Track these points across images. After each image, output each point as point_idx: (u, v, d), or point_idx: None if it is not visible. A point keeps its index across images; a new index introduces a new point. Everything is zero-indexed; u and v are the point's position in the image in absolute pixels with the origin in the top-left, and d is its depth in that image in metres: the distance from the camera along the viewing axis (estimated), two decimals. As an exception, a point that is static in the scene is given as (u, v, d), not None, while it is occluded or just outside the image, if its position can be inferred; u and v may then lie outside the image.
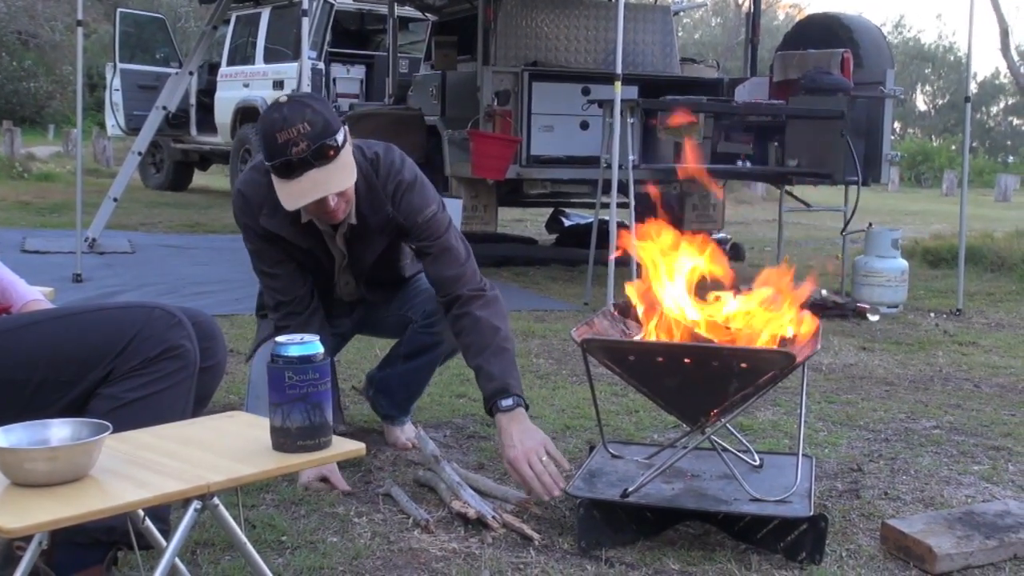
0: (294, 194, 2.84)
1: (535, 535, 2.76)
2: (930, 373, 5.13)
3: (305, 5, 6.40)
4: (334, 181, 2.86)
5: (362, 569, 2.57)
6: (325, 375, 1.94)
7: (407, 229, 3.16)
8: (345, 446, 1.96)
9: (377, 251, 3.26)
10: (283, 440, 1.91)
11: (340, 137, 2.85)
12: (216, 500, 1.86)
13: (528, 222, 12.94)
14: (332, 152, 2.82)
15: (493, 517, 2.81)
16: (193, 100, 14.08)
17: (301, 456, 1.90)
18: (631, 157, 6.64)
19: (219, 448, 1.92)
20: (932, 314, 7.02)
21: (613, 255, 6.23)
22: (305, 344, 1.93)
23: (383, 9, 12.28)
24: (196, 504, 1.79)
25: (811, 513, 2.66)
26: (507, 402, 2.96)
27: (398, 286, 3.54)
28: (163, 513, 2.26)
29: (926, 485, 3.33)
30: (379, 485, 3.16)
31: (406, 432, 3.59)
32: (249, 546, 2.02)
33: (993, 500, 3.16)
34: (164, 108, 9.51)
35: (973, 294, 7.89)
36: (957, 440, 3.88)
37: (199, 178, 16.58)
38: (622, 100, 6.33)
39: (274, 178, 2.86)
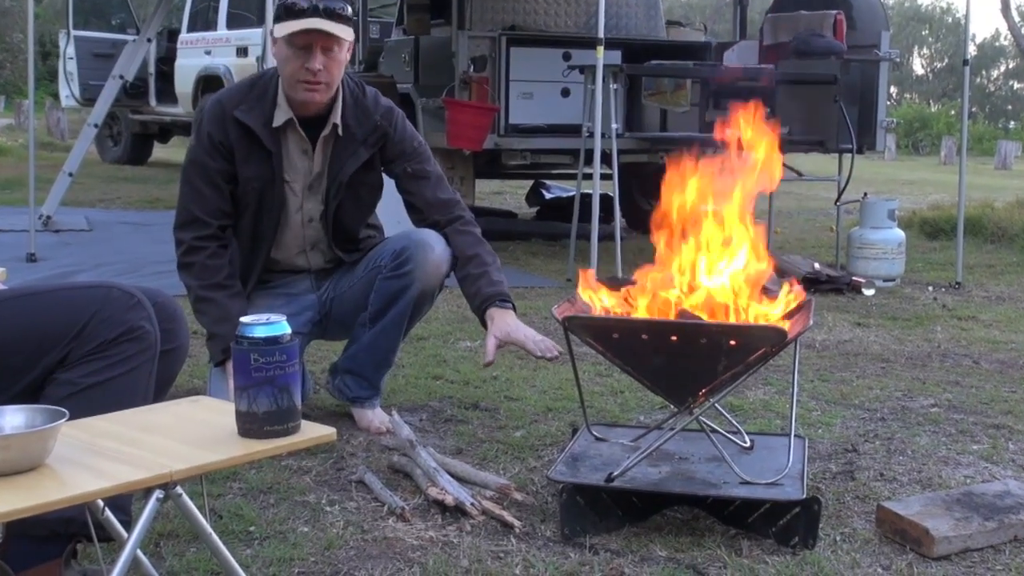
0: (294, 26, 3.21)
1: (516, 522, 2.77)
2: (928, 349, 5.16)
3: (269, -33, 6.35)
4: (335, 30, 3.21)
5: (335, 560, 2.57)
6: (293, 357, 1.93)
7: (397, 152, 3.46)
8: (315, 431, 1.96)
9: (358, 163, 3.43)
10: (249, 425, 1.91)
11: (350, 11, 3.27)
12: (179, 489, 1.86)
13: (507, 195, 12.93)
14: (339, 17, 3.21)
15: (472, 504, 2.82)
16: (152, 69, 13.94)
17: (268, 442, 1.89)
18: (614, 125, 6.64)
19: (182, 435, 1.92)
20: (930, 287, 7.06)
21: (596, 232, 6.21)
22: (271, 324, 1.92)
23: (352, -29, 12.20)
24: (158, 493, 1.78)
25: (804, 496, 2.67)
26: (506, 304, 3.33)
27: (367, 244, 3.62)
28: (124, 503, 2.25)
29: (923, 466, 3.35)
30: (352, 472, 3.17)
31: (379, 416, 3.59)
32: (215, 537, 2.02)
33: (993, 480, 3.19)
34: (121, 77, 9.43)
35: (973, 266, 7.93)
36: (956, 418, 3.90)
37: (159, 151, 16.47)
38: (605, 65, 6.32)
39: (277, 26, 3.23)
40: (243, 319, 1.94)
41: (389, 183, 3.61)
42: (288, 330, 1.94)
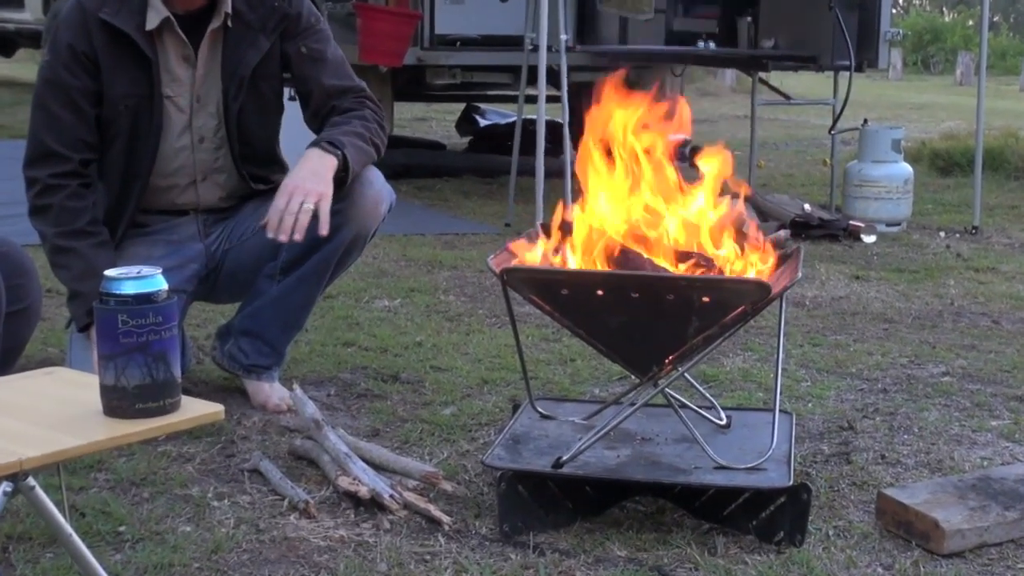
0: None
1: (445, 518, 2.78)
2: (939, 307, 5.23)
3: None
4: None
5: (223, 565, 2.56)
6: (170, 318, 1.92)
7: (297, 30, 3.47)
8: (199, 409, 1.96)
9: (260, 53, 3.44)
10: (117, 402, 1.90)
11: None
12: (32, 481, 1.85)
13: (433, 121, 12.88)
14: None
15: (391, 496, 2.83)
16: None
17: (141, 423, 1.89)
18: (563, 37, 6.61)
19: (34, 415, 1.91)
20: (942, 233, 7.14)
21: (542, 168, 6.22)
22: (144, 279, 1.91)
23: None
24: (6, 486, 1.78)
25: (790, 483, 2.70)
26: (327, 146, 3.31)
27: (275, 170, 3.62)
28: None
29: (932, 446, 3.40)
30: (244, 459, 3.16)
31: (278, 390, 3.58)
32: (76, 539, 2.01)
33: (1015, 462, 3.24)
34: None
35: (992, 208, 8.02)
36: (971, 389, 3.96)
37: (1, 66, 16.19)
38: (551, -38, 6.29)
39: None
40: (109, 272, 1.92)
41: (288, 114, 3.61)
42: (164, 285, 1.93)
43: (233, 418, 3.45)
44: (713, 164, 3.00)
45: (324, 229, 3.21)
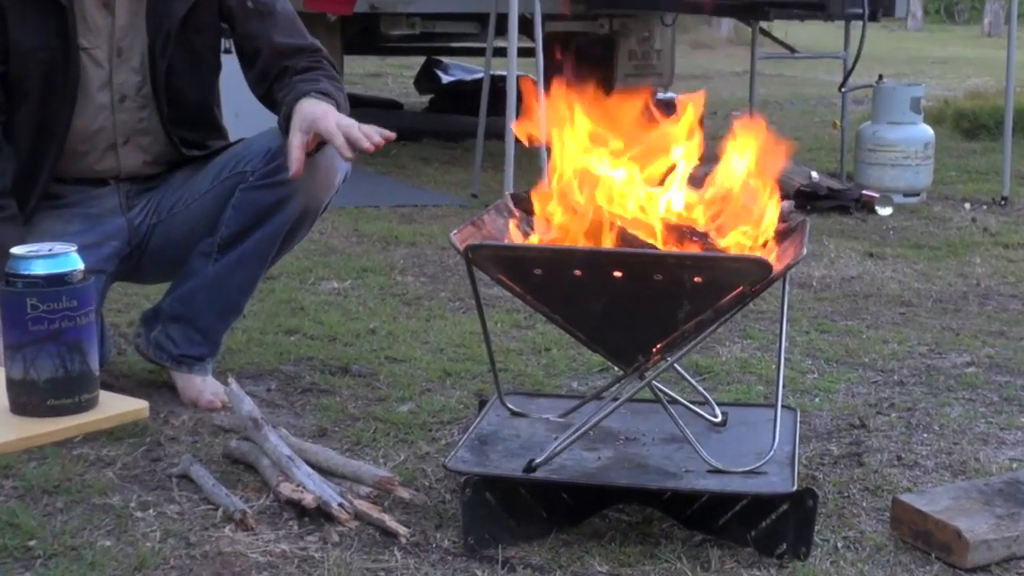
0: None
1: (401, 529, 2.78)
2: (963, 288, 5.25)
3: None
4: None
5: (150, 584, 2.58)
6: (87, 302, 1.92)
7: None
8: (120, 406, 1.95)
9: (186, 4, 3.41)
10: (26, 399, 1.89)
11: None
12: (-73, 489, 1.84)
13: (389, 78, 12.88)
14: None
15: (340, 505, 2.83)
16: None
17: (53, 421, 1.89)
18: (537, -20, 6.61)
19: (-70, 413, 1.90)
20: (967, 204, 7.17)
21: (512, 130, 6.22)
22: (56, 257, 1.91)
23: None
24: None
25: (794, 488, 2.71)
26: (318, 95, 3.29)
27: (211, 135, 3.62)
28: None
29: (955, 446, 3.42)
30: (172, 463, 3.15)
31: (211, 385, 3.58)
32: (-20, 555, 2.01)
33: (1047, 464, 3.28)
34: None
35: (1024, 176, 8.09)
36: (999, 382, 3.99)
37: None
38: None
39: None
40: (16, 250, 1.91)
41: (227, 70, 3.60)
42: (80, 265, 1.92)
43: (160, 416, 3.44)
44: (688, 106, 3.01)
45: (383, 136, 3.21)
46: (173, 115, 3.51)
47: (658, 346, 2.81)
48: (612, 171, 2.96)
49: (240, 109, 3.55)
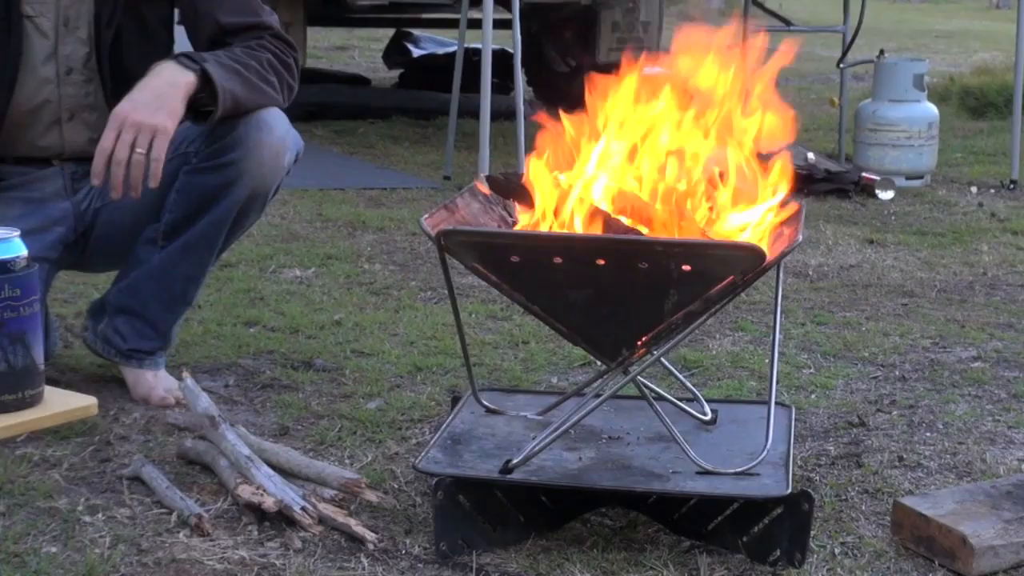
0: None
1: (368, 534, 2.77)
2: (969, 277, 5.27)
3: None
4: None
5: (98, 594, 2.57)
6: (30, 291, 1.91)
7: None
8: (67, 403, 1.95)
9: None
10: (-36, 395, 1.89)
11: None
12: None
13: (356, 51, 12.86)
14: None
15: (303, 508, 2.82)
16: None
17: (-7, 419, 1.88)
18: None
19: None
20: (974, 188, 7.19)
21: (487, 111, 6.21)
22: (-4, 243, 1.90)
23: None
24: None
25: (788, 490, 2.70)
26: (185, 60, 3.26)
27: None
28: None
29: (960, 445, 3.43)
30: (123, 464, 3.14)
31: (164, 380, 3.57)
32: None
33: (1058, 465, 3.28)
34: None
35: (1034, 158, 8.09)
36: (1007, 377, 4.00)
37: None
38: None
39: None
40: (-47, 236, 1.91)
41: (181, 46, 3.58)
42: (23, 252, 1.92)
43: (109, 414, 3.43)
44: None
45: (154, 182, 3.16)
46: (118, 90, 3.48)
47: (643, 339, 2.80)
48: (600, 153, 2.97)
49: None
